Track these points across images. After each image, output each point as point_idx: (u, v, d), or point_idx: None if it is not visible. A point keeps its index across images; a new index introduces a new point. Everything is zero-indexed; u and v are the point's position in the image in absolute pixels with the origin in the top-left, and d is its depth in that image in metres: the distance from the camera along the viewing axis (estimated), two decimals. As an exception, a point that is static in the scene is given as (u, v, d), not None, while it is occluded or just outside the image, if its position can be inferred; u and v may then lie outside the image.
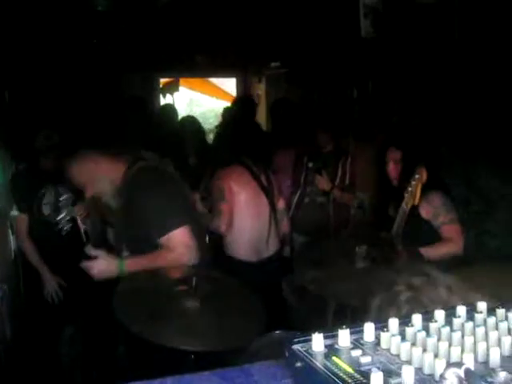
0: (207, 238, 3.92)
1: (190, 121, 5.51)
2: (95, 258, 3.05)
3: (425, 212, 3.52)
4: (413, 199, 3.30)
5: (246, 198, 4.08)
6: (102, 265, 3.05)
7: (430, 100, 4.70)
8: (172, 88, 7.66)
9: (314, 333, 1.00)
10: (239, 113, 5.93)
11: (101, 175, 3.16)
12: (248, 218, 4.10)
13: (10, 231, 4.07)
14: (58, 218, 4.23)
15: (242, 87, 8.74)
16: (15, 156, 4.16)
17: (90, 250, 3.08)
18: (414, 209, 3.41)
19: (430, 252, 3.36)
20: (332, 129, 4.87)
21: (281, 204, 4.37)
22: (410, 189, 3.28)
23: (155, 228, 3.02)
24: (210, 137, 6.32)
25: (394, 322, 1.06)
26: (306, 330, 1.05)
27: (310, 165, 4.74)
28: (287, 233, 4.49)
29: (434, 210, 3.52)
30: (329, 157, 4.84)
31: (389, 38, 4.56)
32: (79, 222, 4.09)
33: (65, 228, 4.19)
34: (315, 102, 6.52)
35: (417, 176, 3.27)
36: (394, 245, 3.21)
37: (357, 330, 1.06)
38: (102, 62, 6.67)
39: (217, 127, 5.80)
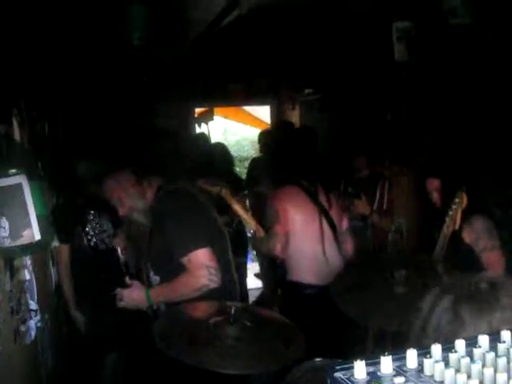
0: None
1: (219, 147, 6.01)
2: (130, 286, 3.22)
3: (467, 236, 3.44)
4: (453, 223, 3.26)
5: (302, 218, 3.94)
6: (133, 293, 3.23)
7: (464, 123, 4.65)
8: (207, 117, 7.72)
9: (355, 360, 0.99)
10: (280, 138, 5.99)
11: (132, 192, 3.29)
12: (305, 239, 3.94)
13: (50, 262, 4.13)
14: (99, 249, 4.29)
15: (276, 114, 8.77)
16: (56, 187, 4.24)
17: (127, 279, 3.26)
18: (457, 233, 3.36)
19: None
20: (368, 153, 4.85)
21: (344, 224, 4.17)
22: (450, 213, 3.25)
23: (177, 248, 3.11)
24: (245, 164, 6.44)
25: (436, 348, 1.04)
26: (346, 357, 1.03)
27: (350, 190, 4.67)
28: (350, 254, 4.21)
29: (476, 234, 3.44)
30: (365, 181, 4.81)
31: (422, 61, 4.54)
32: (119, 252, 4.14)
33: (105, 258, 4.25)
34: (349, 127, 6.50)
35: (457, 200, 3.23)
36: (435, 269, 3.16)
37: (399, 357, 1.04)
38: (138, 93, 6.79)
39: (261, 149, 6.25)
